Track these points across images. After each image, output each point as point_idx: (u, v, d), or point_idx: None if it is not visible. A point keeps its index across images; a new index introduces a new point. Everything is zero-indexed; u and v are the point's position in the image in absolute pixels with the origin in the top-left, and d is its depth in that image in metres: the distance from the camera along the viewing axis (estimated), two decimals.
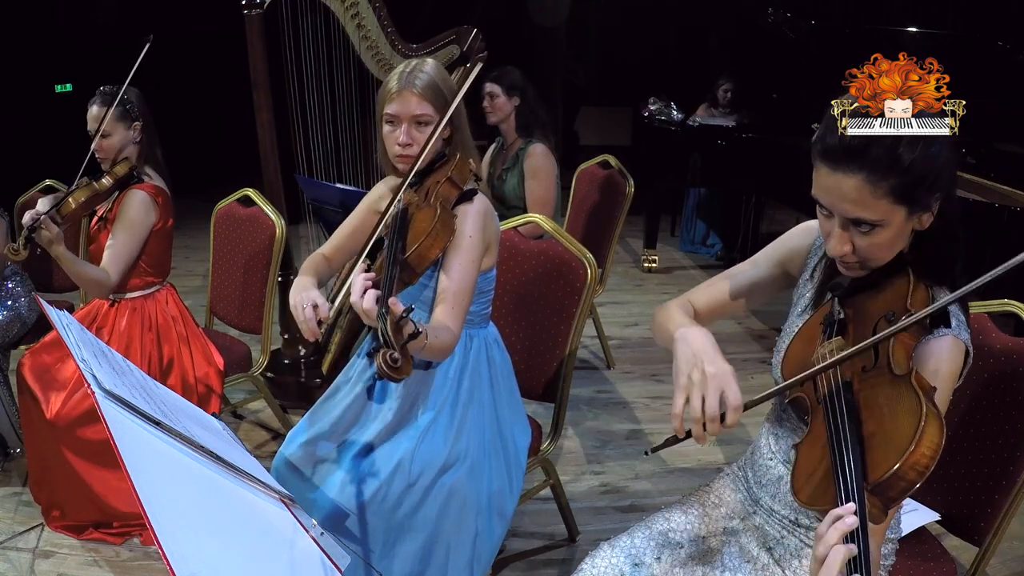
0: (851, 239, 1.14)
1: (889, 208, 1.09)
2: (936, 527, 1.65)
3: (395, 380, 1.27)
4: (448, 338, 1.59)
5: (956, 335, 1.15)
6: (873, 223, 1.10)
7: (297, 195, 3.10)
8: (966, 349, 1.17)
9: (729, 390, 1.11)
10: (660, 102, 5.26)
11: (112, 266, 2.34)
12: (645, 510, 2.56)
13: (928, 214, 1.13)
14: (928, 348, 1.14)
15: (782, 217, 5.38)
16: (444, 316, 1.62)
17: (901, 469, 0.96)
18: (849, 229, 1.13)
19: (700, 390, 1.12)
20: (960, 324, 1.17)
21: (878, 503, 0.98)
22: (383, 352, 1.26)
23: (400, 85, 1.64)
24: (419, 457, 1.69)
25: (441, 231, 1.57)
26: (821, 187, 1.13)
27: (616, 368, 3.70)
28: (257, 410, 3.20)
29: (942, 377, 1.12)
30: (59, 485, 2.33)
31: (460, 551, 1.73)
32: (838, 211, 1.12)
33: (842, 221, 1.13)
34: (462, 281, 1.64)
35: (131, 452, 1.03)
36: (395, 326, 1.30)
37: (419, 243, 1.52)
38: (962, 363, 1.17)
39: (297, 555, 1.14)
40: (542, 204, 3.13)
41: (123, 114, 2.33)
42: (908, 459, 0.96)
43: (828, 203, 1.13)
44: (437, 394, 1.76)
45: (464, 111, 1.73)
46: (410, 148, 1.65)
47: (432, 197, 1.61)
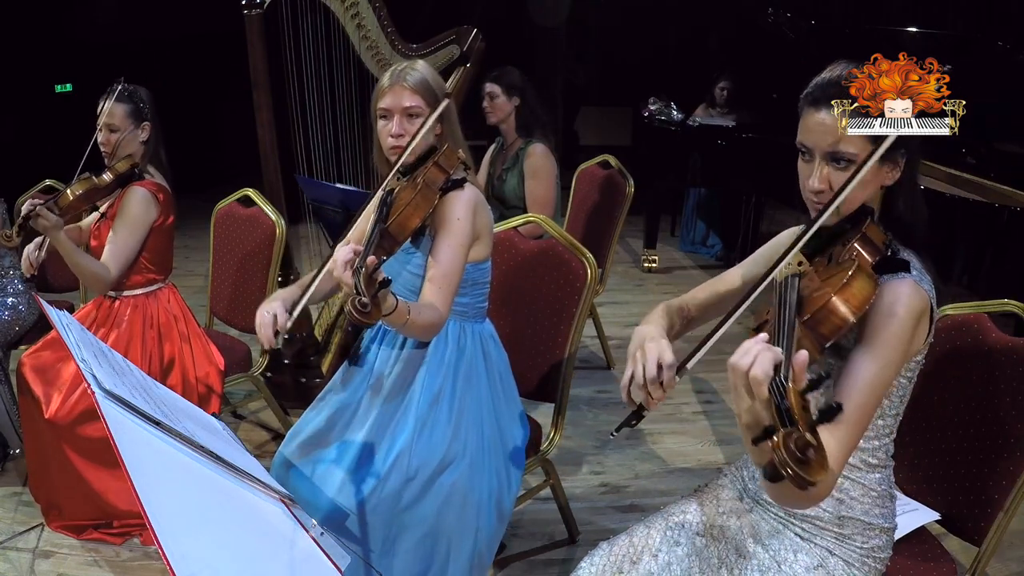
0: (828, 176, 1.20)
1: (864, 144, 1.16)
2: (936, 527, 1.65)
3: (365, 325, 1.37)
4: (434, 316, 1.64)
5: (916, 281, 1.20)
6: (850, 157, 1.18)
7: (297, 195, 3.10)
8: (929, 301, 1.21)
9: (664, 355, 1.20)
10: (660, 102, 5.26)
11: (112, 261, 2.34)
12: (645, 510, 2.56)
13: (896, 170, 1.22)
14: (887, 286, 1.19)
15: (782, 217, 5.36)
16: (430, 295, 1.67)
17: (830, 303, 1.09)
18: (828, 164, 1.21)
19: (641, 361, 1.21)
20: (923, 278, 1.22)
21: (810, 335, 1.09)
22: (353, 297, 1.35)
23: (392, 81, 1.71)
24: (417, 451, 1.70)
25: (421, 202, 1.62)
26: (805, 129, 1.22)
27: (616, 368, 3.69)
28: (257, 410, 3.20)
29: (897, 316, 1.18)
30: (59, 485, 2.33)
31: (460, 549, 1.74)
32: (819, 147, 1.20)
33: (822, 155, 1.21)
34: (449, 263, 1.69)
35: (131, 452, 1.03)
36: (368, 278, 1.38)
37: (400, 212, 1.58)
38: (923, 308, 1.20)
39: (297, 555, 1.14)
40: (542, 204, 3.13)
41: (135, 112, 2.34)
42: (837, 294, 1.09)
43: (811, 142, 1.22)
44: (432, 379, 1.77)
45: (454, 109, 1.78)
46: (402, 139, 1.70)
47: (419, 178, 1.66)
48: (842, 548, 1.33)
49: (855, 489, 1.32)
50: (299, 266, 3.46)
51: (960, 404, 1.61)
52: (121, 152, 2.35)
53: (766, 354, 0.96)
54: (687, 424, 3.17)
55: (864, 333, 1.19)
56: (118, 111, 2.32)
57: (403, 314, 1.52)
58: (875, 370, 1.16)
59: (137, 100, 2.35)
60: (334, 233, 2.76)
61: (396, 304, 1.48)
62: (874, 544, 1.33)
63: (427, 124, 1.66)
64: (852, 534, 1.32)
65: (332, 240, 2.82)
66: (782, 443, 0.83)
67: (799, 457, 0.82)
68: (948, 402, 1.64)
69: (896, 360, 1.18)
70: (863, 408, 1.16)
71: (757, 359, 0.95)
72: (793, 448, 0.83)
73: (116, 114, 2.32)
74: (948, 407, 1.64)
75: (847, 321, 1.10)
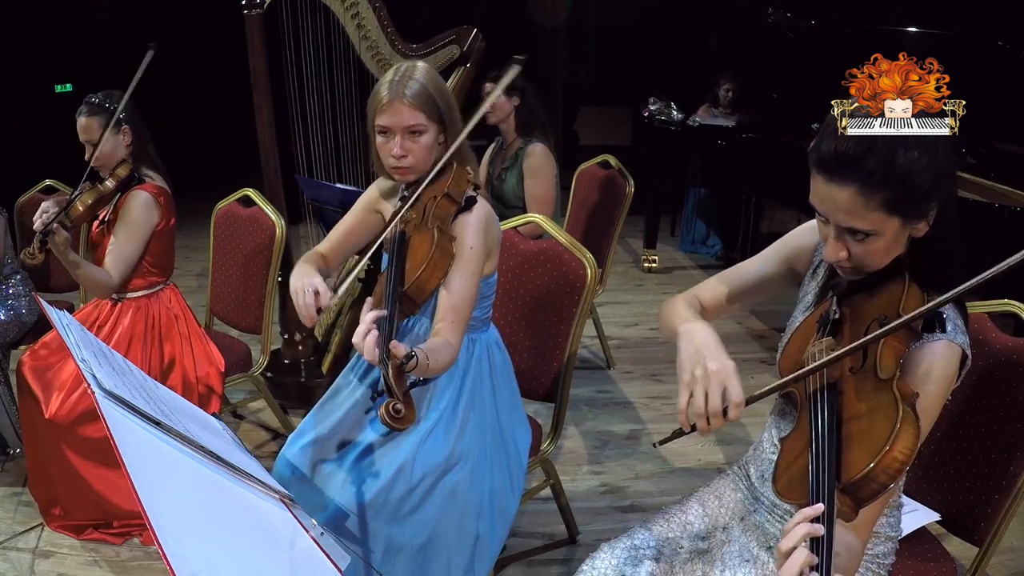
0: (846, 245, 1.15)
1: (883, 219, 1.10)
2: (936, 527, 1.65)
3: (399, 430, 1.27)
4: (449, 355, 1.58)
5: (951, 339, 1.15)
6: (867, 232, 1.12)
7: (297, 195, 3.10)
8: (963, 353, 1.17)
9: (731, 385, 1.12)
10: (660, 102, 5.26)
11: (115, 267, 2.34)
12: (645, 510, 2.56)
13: (923, 223, 1.14)
14: (921, 352, 1.15)
15: (782, 217, 5.38)
16: (445, 332, 1.60)
17: (873, 471, 0.99)
18: (844, 237, 1.15)
19: (703, 386, 1.13)
20: (956, 328, 1.17)
21: (848, 502, 1.00)
22: (387, 403, 1.26)
23: (391, 95, 1.60)
24: (421, 460, 1.69)
25: (439, 260, 1.54)
26: (816, 196, 1.15)
27: (616, 368, 3.70)
28: (257, 410, 3.20)
29: (933, 380, 1.13)
30: (59, 484, 2.33)
31: (462, 552, 1.73)
32: (833, 220, 1.14)
33: (837, 229, 1.14)
34: (463, 295, 1.62)
35: (131, 452, 1.03)
36: (397, 372, 1.30)
37: (417, 275, 1.51)
38: (957, 367, 1.16)
39: (297, 555, 1.14)
40: (542, 204, 3.13)
41: (108, 121, 2.31)
42: (881, 461, 0.99)
43: (823, 211, 1.15)
44: (439, 398, 1.75)
45: (459, 117, 1.70)
46: (404, 160, 1.63)
47: (429, 218, 1.58)
48: None
49: None
50: None
51: (960, 404, 1.61)
52: (111, 162, 2.36)
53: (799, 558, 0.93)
54: None
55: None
56: (92, 124, 2.31)
57: (423, 370, 1.44)
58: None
59: (108, 109, 2.31)
60: None
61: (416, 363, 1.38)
62: (879, 551, 1.33)
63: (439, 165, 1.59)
64: None
65: None
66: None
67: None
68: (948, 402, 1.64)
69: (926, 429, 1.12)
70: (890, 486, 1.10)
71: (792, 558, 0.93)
72: None
73: (91, 128, 2.31)
74: (948, 407, 1.63)
75: (887, 486, 1.01)
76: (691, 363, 1.17)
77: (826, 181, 1.11)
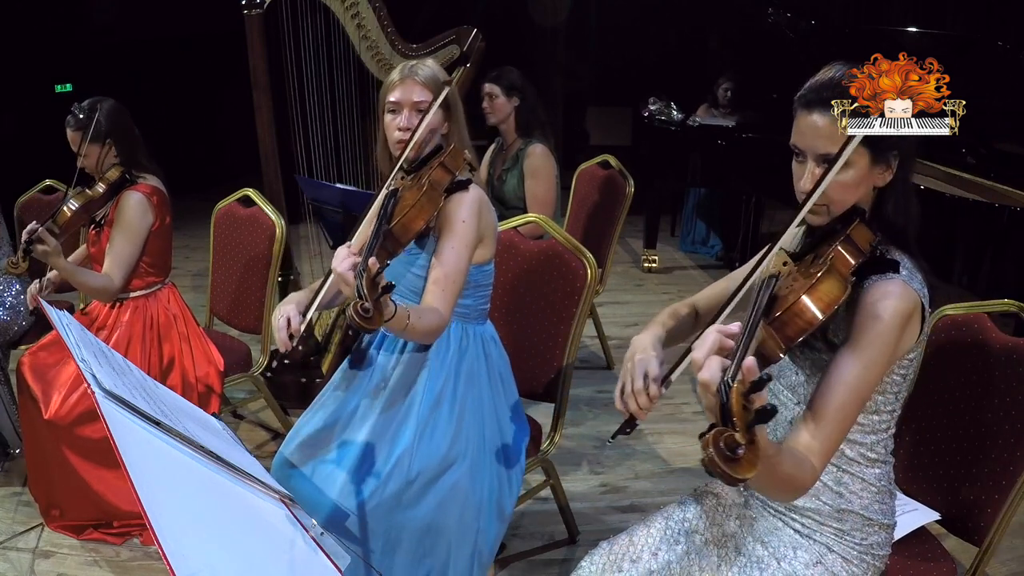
0: (819, 178, 1.20)
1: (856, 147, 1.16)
2: (936, 527, 1.65)
3: (366, 330, 1.36)
4: (436, 320, 1.63)
5: (906, 281, 1.20)
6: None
7: (297, 195, 3.10)
8: (920, 302, 1.21)
9: (650, 367, 1.25)
10: (660, 102, 5.25)
11: (115, 271, 2.34)
12: (645, 510, 2.56)
13: (888, 171, 1.23)
14: (875, 286, 1.21)
15: (782, 217, 5.36)
16: (433, 298, 1.66)
17: (795, 305, 1.11)
18: (819, 167, 1.21)
19: (630, 374, 1.26)
20: (913, 277, 1.22)
21: (775, 335, 1.11)
22: (355, 302, 1.34)
23: (403, 75, 1.71)
24: (418, 455, 1.70)
25: (426, 203, 1.60)
26: (798, 131, 1.24)
27: (616, 368, 3.69)
28: (257, 410, 3.20)
29: (884, 311, 1.18)
30: (59, 485, 2.33)
31: (461, 550, 1.73)
32: (811, 149, 1.21)
33: (814, 157, 1.22)
34: (454, 265, 1.68)
35: (131, 452, 1.03)
36: (370, 281, 1.36)
37: (404, 214, 1.57)
38: (912, 308, 1.20)
39: (297, 555, 1.14)
40: (542, 204, 3.13)
41: (92, 135, 2.31)
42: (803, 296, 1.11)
43: (803, 144, 1.23)
44: (433, 387, 1.76)
45: (461, 108, 1.78)
46: (409, 132, 1.69)
47: (423, 179, 1.65)
48: (841, 544, 1.33)
49: (854, 483, 1.32)
50: (299, 266, 3.46)
51: (960, 404, 1.61)
52: (100, 169, 2.36)
53: (715, 361, 0.99)
54: (687, 424, 3.16)
55: (850, 333, 1.20)
56: (75, 138, 2.32)
57: (403, 319, 1.51)
58: (857, 370, 1.17)
59: (88, 122, 2.30)
60: (334, 233, 2.76)
61: (395, 310, 1.46)
62: (873, 540, 1.34)
63: (431, 111, 1.66)
64: (851, 529, 1.33)
65: (332, 240, 2.82)
66: (712, 441, 0.88)
67: (727, 455, 0.87)
68: (948, 402, 1.64)
69: (880, 361, 1.19)
70: (844, 407, 1.17)
71: (707, 364, 0.99)
72: (722, 446, 0.87)
73: (75, 140, 2.32)
74: (948, 407, 1.64)
75: (813, 322, 1.11)
76: (626, 359, 1.32)
77: (808, 112, 1.21)
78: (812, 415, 1.18)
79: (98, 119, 2.31)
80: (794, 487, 1.13)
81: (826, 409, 1.17)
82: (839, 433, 1.18)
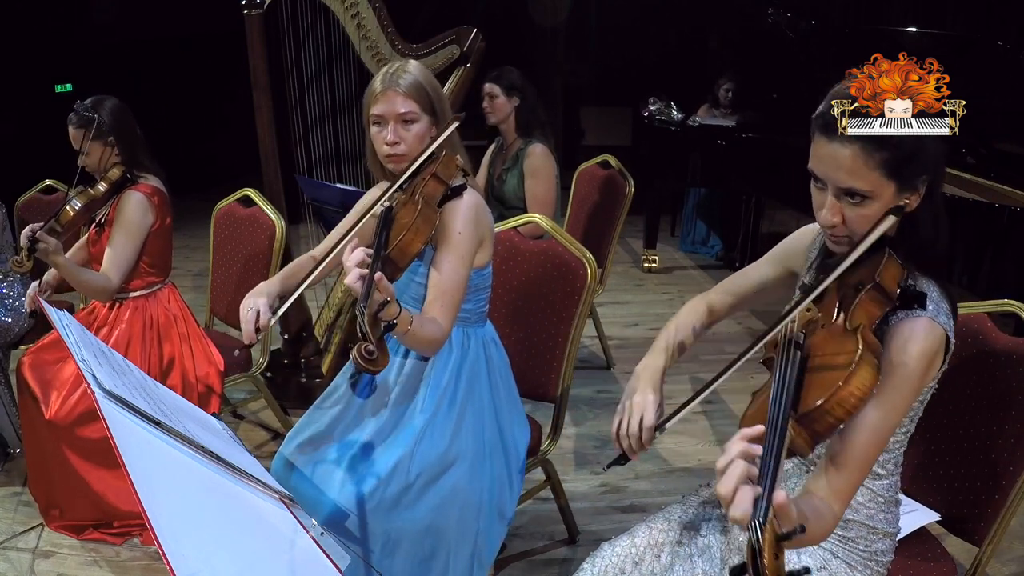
0: (841, 210, 1.17)
1: (880, 180, 1.13)
2: (936, 527, 1.65)
3: (371, 372, 1.33)
4: (435, 331, 1.61)
5: (932, 317, 1.17)
6: (864, 194, 1.14)
7: (297, 195, 3.10)
8: (946, 336, 1.19)
9: (647, 415, 1.30)
10: (660, 102, 5.25)
11: (113, 270, 2.34)
12: (645, 510, 2.56)
13: (915, 196, 1.17)
14: (901, 325, 1.17)
15: (782, 217, 5.37)
16: (433, 311, 1.64)
17: (827, 403, 1.03)
18: (841, 200, 1.16)
19: (627, 414, 1.33)
20: (939, 310, 1.19)
21: (804, 433, 1.05)
22: (360, 345, 1.31)
23: (384, 85, 1.66)
24: (418, 457, 1.69)
25: (422, 225, 1.57)
26: (817, 158, 1.17)
27: (616, 368, 3.69)
28: (257, 410, 3.20)
29: (911, 353, 1.15)
30: (59, 485, 2.33)
31: (461, 551, 1.73)
32: (832, 181, 1.15)
33: (835, 191, 1.16)
34: (451, 278, 1.65)
35: (131, 452, 1.03)
36: (372, 319, 1.34)
37: (400, 237, 1.54)
38: (938, 347, 1.18)
39: (297, 555, 1.14)
40: (542, 204, 3.13)
41: (96, 133, 2.31)
42: (835, 395, 1.03)
43: (823, 173, 1.17)
44: (435, 392, 1.76)
45: (449, 109, 1.75)
46: (398, 147, 1.67)
47: (417, 194, 1.63)
48: (845, 551, 1.33)
49: (862, 494, 1.31)
50: None
51: (960, 404, 1.61)
52: (102, 167, 2.36)
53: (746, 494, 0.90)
54: (687, 424, 3.16)
55: None
56: (78, 135, 2.31)
57: (405, 323, 1.49)
58: (881, 414, 1.13)
59: (92, 119, 2.30)
60: None
61: (399, 312, 1.43)
62: (877, 548, 1.33)
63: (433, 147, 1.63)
64: (856, 537, 1.32)
65: None
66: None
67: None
68: (948, 402, 1.64)
69: (904, 404, 1.15)
70: (867, 451, 1.13)
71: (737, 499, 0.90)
72: None
73: (77, 138, 2.31)
74: (948, 407, 1.64)
75: (845, 420, 1.05)
76: (625, 397, 1.37)
77: (829, 141, 1.13)
78: (834, 462, 1.14)
79: (101, 117, 2.31)
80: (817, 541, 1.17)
81: (848, 455, 1.12)
82: (861, 475, 1.16)
